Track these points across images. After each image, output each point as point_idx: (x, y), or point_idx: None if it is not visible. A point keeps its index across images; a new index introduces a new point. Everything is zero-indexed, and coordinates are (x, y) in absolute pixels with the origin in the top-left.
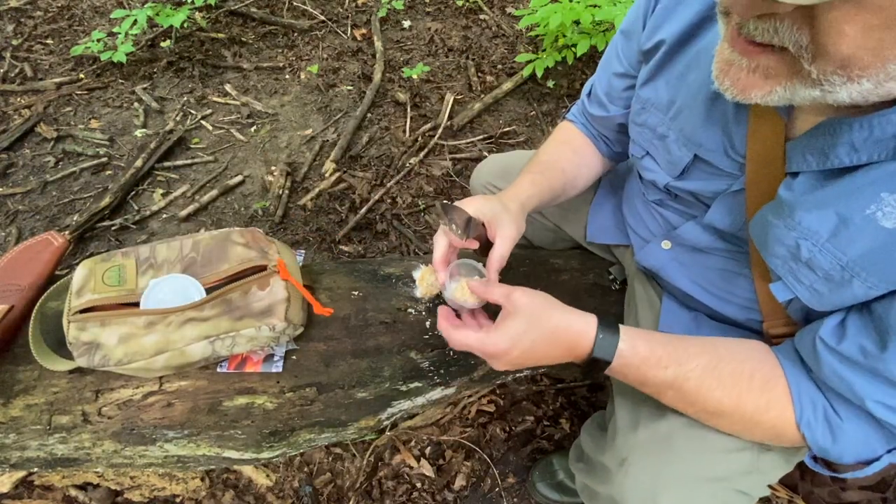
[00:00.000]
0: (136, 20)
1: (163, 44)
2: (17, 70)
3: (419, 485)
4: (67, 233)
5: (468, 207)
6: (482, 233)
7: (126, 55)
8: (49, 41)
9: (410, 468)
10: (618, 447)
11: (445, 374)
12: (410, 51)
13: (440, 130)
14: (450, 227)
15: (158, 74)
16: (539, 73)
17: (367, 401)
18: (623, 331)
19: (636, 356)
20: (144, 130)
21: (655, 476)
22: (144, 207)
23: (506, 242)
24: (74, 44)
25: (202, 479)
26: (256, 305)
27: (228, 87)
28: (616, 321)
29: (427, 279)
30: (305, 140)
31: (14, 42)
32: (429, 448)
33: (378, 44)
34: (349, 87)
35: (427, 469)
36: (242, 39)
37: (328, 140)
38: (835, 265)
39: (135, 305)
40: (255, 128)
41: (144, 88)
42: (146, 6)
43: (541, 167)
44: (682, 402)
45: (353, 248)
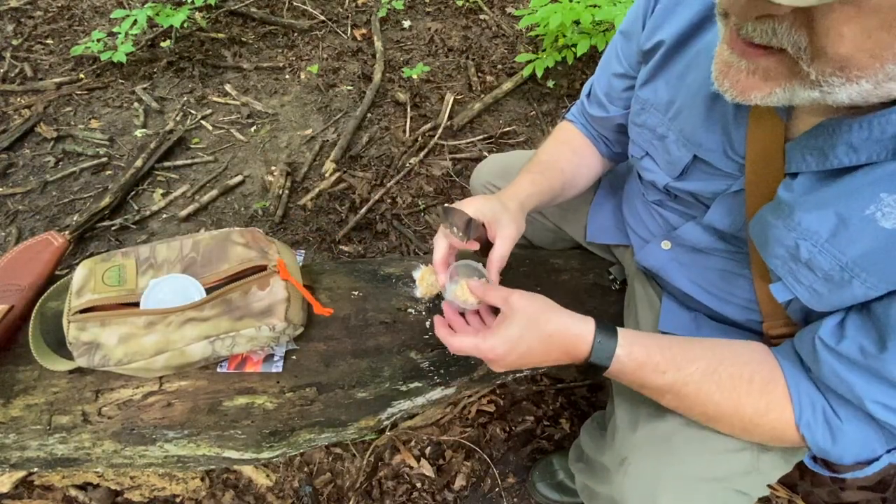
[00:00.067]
0: (136, 20)
1: (163, 44)
2: (17, 70)
3: (419, 485)
4: (67, 233)
5: (468, 208)
6: (482, 233)
7: (126, 55)
8: (49, 41)
9: (410, 468)
10: (617, 447)
11: (445, 374)
12: (410, 51)
13: (440, 130)
14: (451, 230)
15: (158, 74)
16: (539, 73)
17: (367, 401)
18: (621, 335)
19: (633, 361)
20: (144, 130)
21: (655, 476)
22: (144, 207)
23: (506, 242)
24: (74, 44)
25: (202, 479)
26: (256, 305)
27: (228, 87)
28: (614, 324)
29: (427, 279)
30: (305, 140)
31: (14, 42)
32: (429, 448)
33: (378, 44)
34: (349, 87)
35: (427, 469)
36: (242, 39)
37: (328, 140)
38: (834, 265)
39: (135, 305)
40: (255, 128)
41: (144, 88)
42: (146, 6)
43: (540, 167)
44: (681, 406)
45: (353, 248)
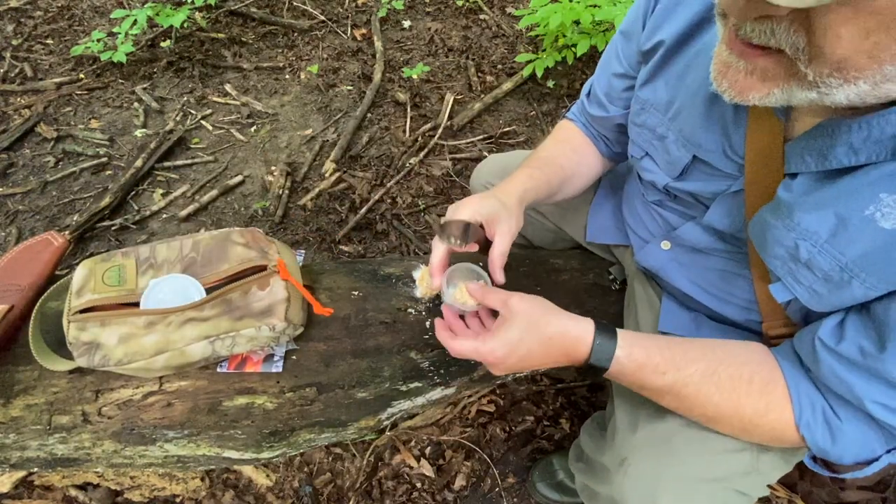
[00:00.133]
0: (136, 20)
1: (163, 44)
2: (17, 70)
3: (419, 485)
4: (67, 233)
5: (464, 211)
6: (481, 234)
7: (126, 55)
8: (49, 41)
9: (410, 468)
10: (617, 447)
11: (445, 374)
12: (410, 51)
13: (440, 130)
14: (449, 242)
15: (158, 74)
16: (539, 73)
17: (367, 401)
18: (620, 336)
19: (633, 362)
20: (144, 130)
21: (655, 476)
22: (144, 207)
23: (505, 239)
24: (74, 44)
25: (202, 479)
26: (256, 305)
27: (228, 87)
28: (614, 326)
29: (427, 279)
30: (305, 140)
31: (14, 42)
32: (429, 448)
33: (378, 44)
34: (349, 87)
35: (427, 469)
36: (242, 39)
37: (328, 140)
38: (834, 266)
39: (135, 305)
40: (255, 128)
41: (144, 88)
42: (146, 6)
43: (539, 163)
44: (681, 407)
45: (353, 248)
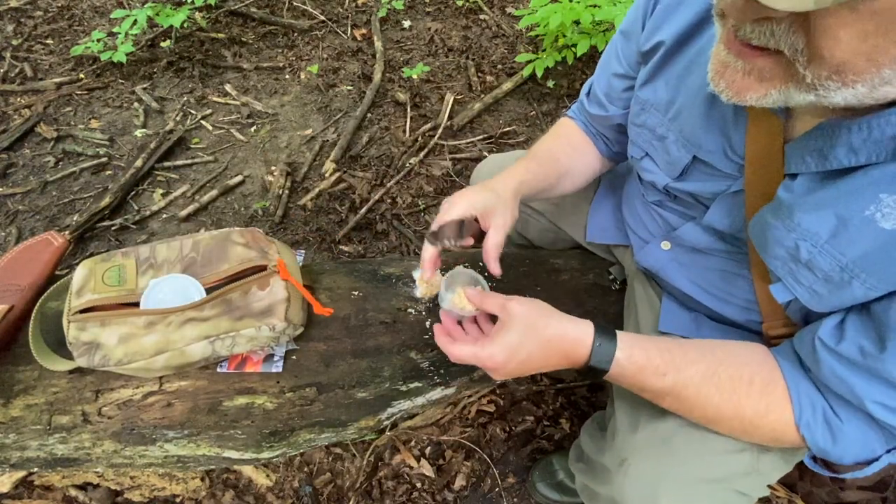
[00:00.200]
0: (136, 20)
1: (163, 44)
2: (17, 70)
3: (419, 485)
4: (67, 233)
5: (459, 205)
6: (476, 227)
7: (126, 55)
8: (49, 41)
9: (410, 468)
10: (618, 448)
11: (445, 374)
12: (410, 51)
13: (440, 130)
14: (443, 245)
15: (158, 74)
16: (539, 73)
17: (367, 401)
18: (620, 338)
19: (633, 364)
20: (144, 130)
21: (655, 477)
22: (144, 207)
23: (500, 231)
24: (74, 44)
25: (202, 479)
26: (256, 305)
27: (228, 87)
28: (613, 327)
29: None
30: (305, 140)
31: (14, 42)
32: (429, 448)
33: (378, 44)
34: (349, 87)
35: (427, 469)
36: (242, 39)
37: (328, 140)
38: (834, 266)
39: (135, 305)
40: (255, 128)
41: (144, 88)
42: (146, 6)
43: (537, 156)
44: (681, 409)
45: (353, 248)
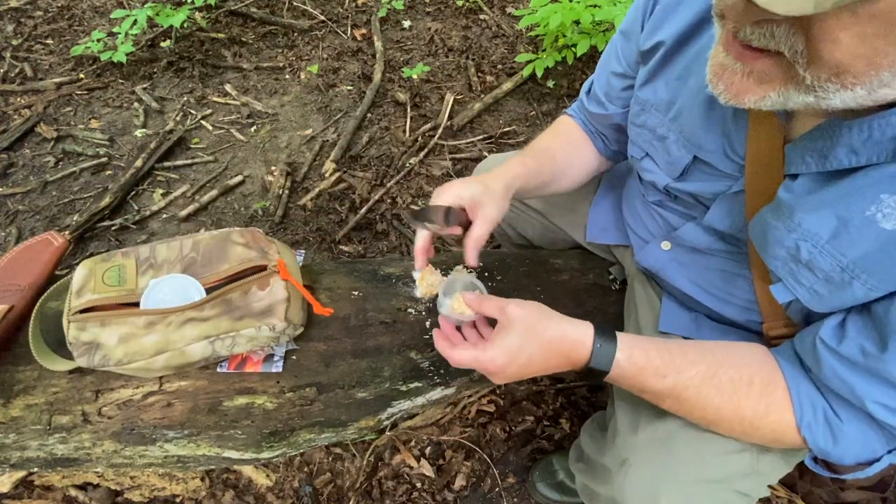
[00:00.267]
0: (136, 20)
1: (163, 44)
2: (17, 70)
3: (419, 485)
4: (67, 233)
5: (447, 194)
6: (463, 218)
7: (126, 55)
8: (49, 41)
9: (410, 468)
10: (618, 448)
11: (445, 374)
12: (410, 51)
13: (440, 130)
14: (424, 227)
15: (158, 74)
16: (539, 73)
17: (367, 401)
18: (620, 339)
19: (634, 365)
20: (144, 130)
21: (656, 477)
22: (144, 207)
23: (485, 223)
24: (74, 44)
25: (202, 479)
26: (256, 305)
27: (228, 87)
28: (613, 328)
29: (427, 279)
30: (305, 140)
31: (14, 42)
32: (429, 448)
33: (378, 44)
34: (349, 87)
35: (427, 469)
36: (242, 39)
37: (328, 140)
38: (835, 267)
39: (135, 305)
40: (255, 128)
41: (144, 88)
42: (146, 6)
43: (533, 152)
44: (681, 410)
45: (353, 248)
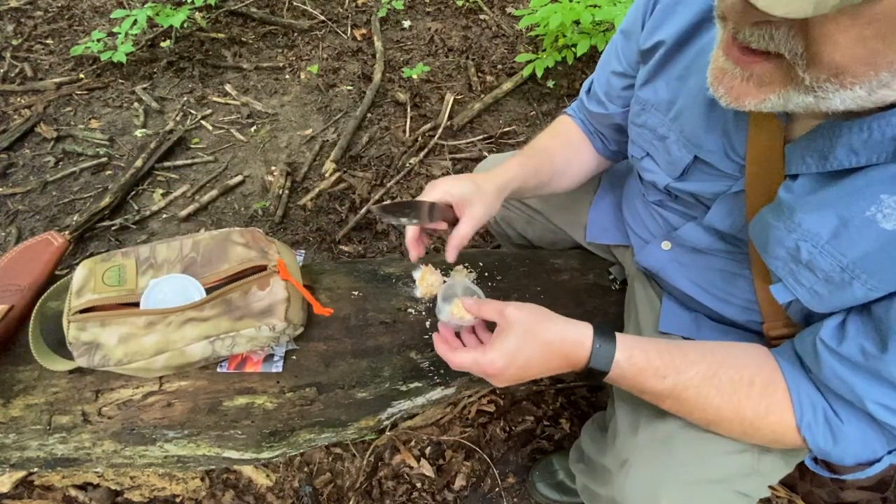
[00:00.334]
0: (136, 20)
1: (163, 44)
2: (17, 70)
3: (419, 485)
4: (67, 233)
5: (436, 189)
6: (450, 215)
7: (126, 55)
8: (49, 41)
9: (410, 468)
10: (618, 449)
11: (445, 374)
12: (410, 51)
13: (440, 130)
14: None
15: (158, 74)
16: (539, 73)
17: (367, 401)
18: (619, 340)
19: (633, 366)
20: (144, 130)
21: (656, 478)
22: (144, 207)
23: (470, 223)
24: (74, 44)
25: (202, 479)
26: (256, 305)
27: (228, 87)
28: (612, 329)
29: (427, 279)
30: (305, 140)
31: (14, 42)
32: (429, 448)
33: (378, 44)
34: (349, 87)
35: (427, 469)
36: (242, 39)
37: (328, 140)
38: (835, 267)
39: (135, 305)
40: (255, 128)
41: (144, 88)
42: (146, 6)
43: (532, 152)
44: (681, 410)
45: (353, 248)
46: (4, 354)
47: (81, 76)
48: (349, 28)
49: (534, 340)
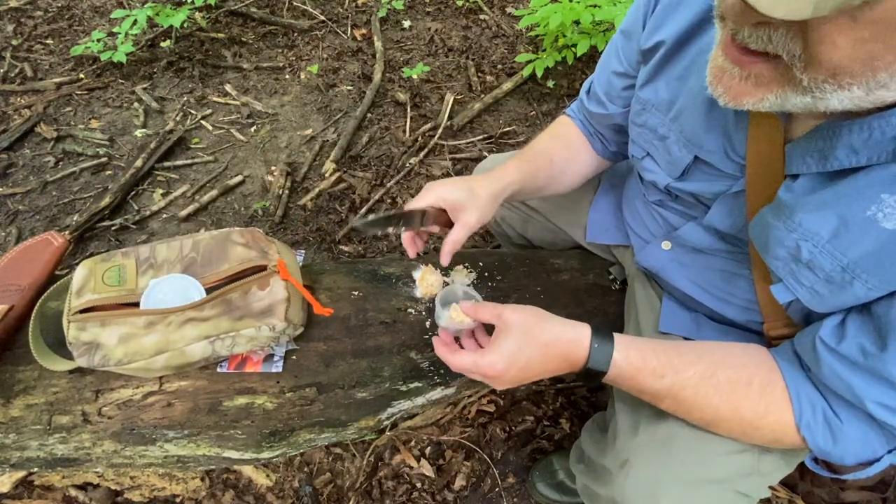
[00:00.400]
0: (136, 20)
1: (163, 44)
2: (17, 70)
3: (419, 485)
4: (67, 233)
5: (430, 194)
6: (443, 218)
7: (126, 55)
8: (49, 41)
9: (410, 468)
10: (618, 449)
11: (445, 374)
12: (410, 51)
13: (440, 130)
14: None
15: (158, 74)
16: (539, 73)
17: (367, 401)
18: (618, 340)
19: (631, 365)
20: (144, 130)
21: (656, 478)
22: (144, 207)
23: (463, 229)
24: (74, 44)
25: (202, 479)
26: (256, 305)
27: (228, 87)
28: (610, 329)
29: (427, 279)
30: (305, 140)
31: (14, 42)
32: (429, 448)
33: (378, 44)
34: (349, 87)
35: (427, 469)
36: (242, 39)
37: (328, 140)
38: (835, 266)
39: (135, 305)
40: (255, 128)
41: (144, 88)
42: (146, 6)
43: (531, 153)
44: (680, 410)
45: (353, 248)
46: (4, 354)
47: (81, 76)
48: (349, 28)
49: (532, 342)
